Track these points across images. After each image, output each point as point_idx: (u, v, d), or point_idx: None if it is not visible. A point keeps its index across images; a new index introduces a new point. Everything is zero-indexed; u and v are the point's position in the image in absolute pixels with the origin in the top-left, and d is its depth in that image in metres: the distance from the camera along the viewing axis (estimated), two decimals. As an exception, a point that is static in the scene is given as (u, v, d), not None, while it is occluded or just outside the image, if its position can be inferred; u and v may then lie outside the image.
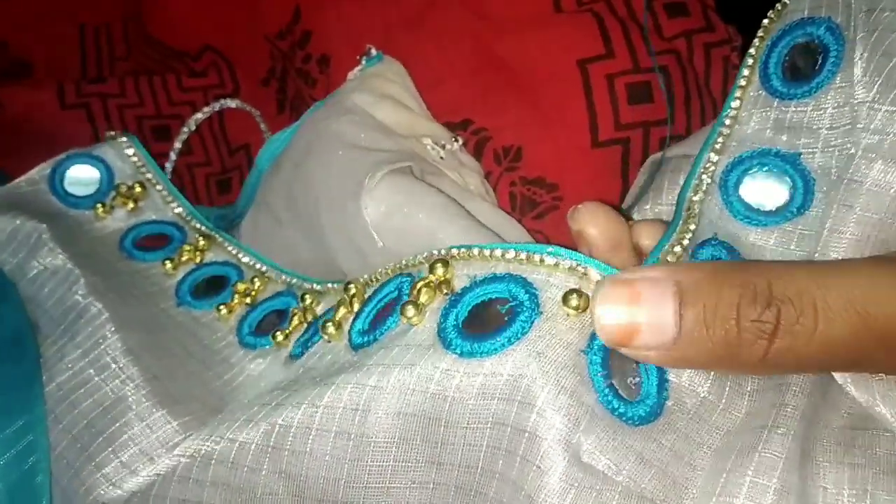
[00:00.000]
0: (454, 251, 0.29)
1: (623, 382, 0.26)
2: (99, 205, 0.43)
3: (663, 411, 0.26)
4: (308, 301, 0.36)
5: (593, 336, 0.26)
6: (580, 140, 0.45)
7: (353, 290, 0.33)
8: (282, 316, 0.37)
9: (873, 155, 0.28)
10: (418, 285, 0.29)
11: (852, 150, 0.28)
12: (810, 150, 0.30)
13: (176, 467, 0.30)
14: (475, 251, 0.29)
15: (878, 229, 0.28)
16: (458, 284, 0.29)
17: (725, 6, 0.47)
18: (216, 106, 0.53)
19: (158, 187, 0.45)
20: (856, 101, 0.29)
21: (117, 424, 0.32)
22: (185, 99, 0.54)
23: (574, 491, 0.24)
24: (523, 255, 0.28)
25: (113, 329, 0.34)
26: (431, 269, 0.29)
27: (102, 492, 0.31)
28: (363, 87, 0.46)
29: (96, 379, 0.33)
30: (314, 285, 0.38)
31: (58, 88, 0.52)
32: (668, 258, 0.28)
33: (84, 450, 0.32)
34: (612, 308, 0.24)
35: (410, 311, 0.28)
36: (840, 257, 0.28)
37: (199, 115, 0.52)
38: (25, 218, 0.40)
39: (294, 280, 0.39)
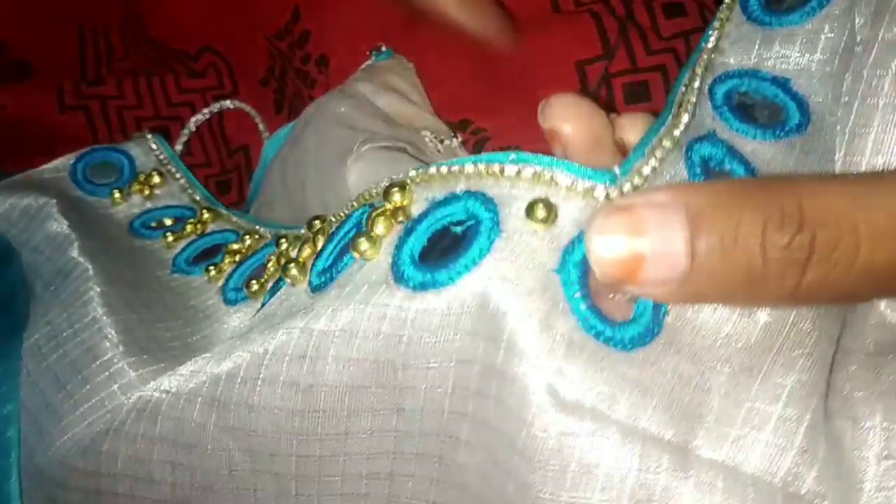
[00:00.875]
0: (412, 173, 0.26)
1: (610, 301, 0.23)
2: (116, 191, 0.43)
3: (661, 329, 0.23)
4: (284, 246, 0.34)
5: (567, 251, 0.23)
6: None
7: (316, 227, 0.30)
8: (262, 270, 0.35)
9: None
10: (373, 215, 0.26)
11: (856, 68, 0.25)
12: (802, 77, 0.27)
13: (125, 421, 0.29)
14: (433, 170, 0.26)
15: None
16: (417, 210, 0.26)
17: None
18: (215, 107, 0.53)
19: (177, 175, 0.45)
20: (856, 24, 0.26)
21: (80, 375, 0.31)
22: (184, 100, 0.54)
23: (561, 438, 0.21)
24: (482, 167, 0.25)
25: (95, 284, 0.33)
26: (386, 196, 0.26)
27: (60, 444, 0.30)
28: (369, 77, 0.46)
29: (69, 331, 0.32)
30: (293, 231, 0.36)
31: (57, 90, 0.53)
32: (657, 153, 0.25)
33: (48, 403, 0.31)
34: (611, 239, 0.21)
35: (363, 244, 0.25)
36: (868, 155, 0.24)
37: (198, 117, 0.52)
38: (37, 195, 0.39)
39: (283, 231, 0.37)
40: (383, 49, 0.49)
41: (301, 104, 0.51)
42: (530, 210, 0.23)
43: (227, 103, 0.53)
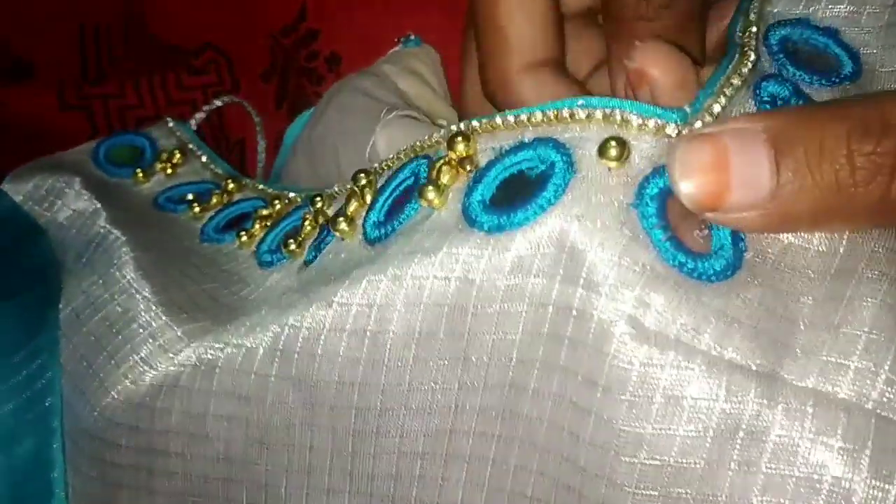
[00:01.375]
0: (475, 123, 0.26)
1: (689, 236, 0.22)
2: (139, 170, 0.43)
3: (742, 264, 0.22)
4: (319, 204, 0.33)
5: (643, 185, 0.23)
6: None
7: (362, 181, 0.29)
8: (298, 230, 0.34)
9: None
10: (437, 165, 0.26)
11: None
12: (851, 27, 0.28)
13: (179, 376, 0.29)
14: (498, 120, 0.25)
15: None
16: (483, 160, 0.25)
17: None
18: (214, 104, 0.53)
19: (199, 153, 0.45)
20: None
21: (120, 336, 0.31)
22: (185, 98, 0.54)
23: (645, 369, 0.21)
24: (551, 114, 0.24)
25: (128, 250, 0.33)
26: (450, 146, 0.26)
27: (107, 406, 0.30)
28: (395, 61, 0.47)
29: (105, 296, 0.32)
30: (326, 190, 0.35)
31: (58, 90, 0.53)
32: (726, 91, 0.24)
33: (90, 367, 0.31)
34: (695, 167, 0.21)
35: (430, 193, 0.25)
36: None
37: (199, 115, 0.53)
38: (60, 174, 0.40)
39: (316, 191, 0.36)
40: (412, 37, 0.50)
41: (304, 101, 0.52)
42: (603, 149, 0.23)
43: (225, 98, 0.53)
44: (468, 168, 0.25)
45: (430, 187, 0.25)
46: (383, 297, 0.25)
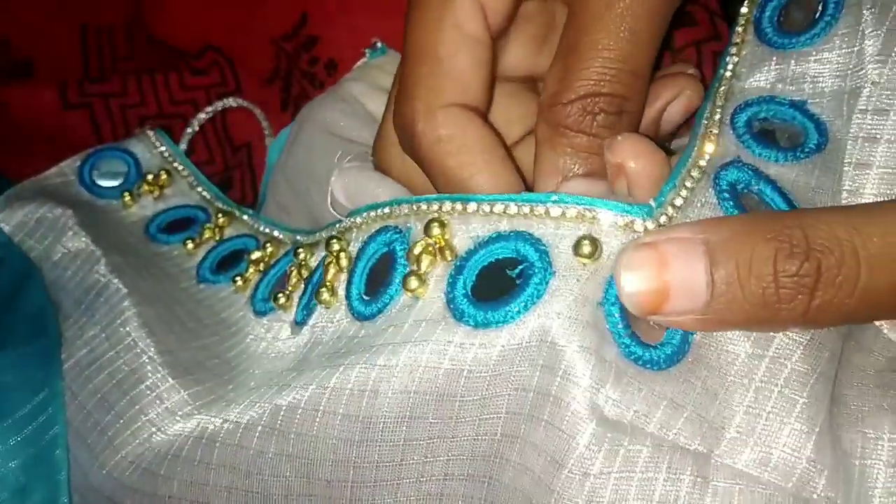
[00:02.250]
0: (448, 206, 0.28)
1: (645, 325, 0.25)
2: (126, 193, 0.44)
3: (690, 347, 0.25)
4: (302, 255, 0.34)
5: (609, 285, 0.25)
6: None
7: (335, 247, 0.31)
8: (285, 282, 0.35)
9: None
10: (416, 251, 0.28)
11: (866, 87, 0.28)
12: (816, 98, 0.29)
13: (182, 447, 0.30)
14: (472, 206, 0.27)
15: None
16: (459, 244, 0.27)
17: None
18: (219, 105, 0.53)
19: (184, 173, 0.46)
20: (864, 44, 0.28)
21: (128, 397, 0.32)
22: (188, 98, 0.54)
23: (602, 452, 0.24)
24: (527, 209, 0.26)
25: (131, 304, 0.34)
26: (427, 231, 0.27)
27: (115, 466, 0.31)
28: (361, 77, 0.47)
29: (111, 353, 0.33)
30: (309, 237, 0.37)
31: (60, 88, 0.52)
32: (686, 183, 0.27)
33: (97, 424, 0.32)
34: (637, 273, 0.23)
35: (413, 283, 0.27)
36: (873, 193, 0.27)
37: (202, 115, 0.52)
38: (52, 205, 0.40)
39: (300, 237, 0.38)
40: (378, 45, 0.49)
41: (306, 103, 0.51)
42: (577, 247, 0.25)
43: (231, 101, 0.53)
44: (448, 258, 0.27)
45: (412, 277, 0.27)
46: (374, 384, 0.26)
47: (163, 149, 0.47)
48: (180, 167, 0.46)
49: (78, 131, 0.52)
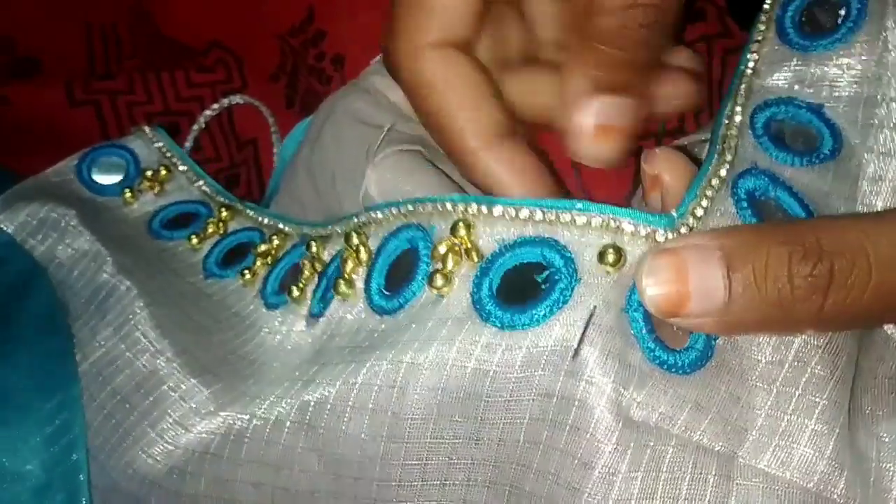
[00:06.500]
0: (474, 208, 0.28)
1: (669, 331, 0.26)
2: (126, 190, 0.44)
3: (714, 352, 0.26)
4: (314, 248, 0.34)
5: (632, 292, 0.26)
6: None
7: (355, 240, 0.31)
8: (297, 274, 0.35)
9: None
10: (441, 250, 0.28)
11: (882, 100, 0.29)
12: (832, 103, 0.30)
13: (209, 444, 0.30)
14: (498, 210, 0.28)
15: None
16: (485, 247, 0.28)
17: (740, 13, 0.47)
18: (225, 102, 0.53)
19: (183, 168, 0.46)
20: (885, 57, 0.29)
21: (151, 398, 0.32)
22: (194, 95, 0.54)
23: (629, 452, 0.24)
24: (552, 216, 0.27)
25: (142, 305, 0.35)
26: (453, 231, 0.28)
27: (140, 465, 0.31)
28: (382, 69, 0.46)
29: (128, 355, 0.33)
30: (319, 230, 0.36)
31: (66, 86, 0.52)
32: (707, 193, 0.27)
33: (119, 425, 0.32)
34: (658, 279, 0.24)
35: (439, 281, 0.28)
36: (885, 205, 0.28)
37: (208, 112, 0.53)
38: (54, 204, 0.40)
39: (306, 229, 0.38)
40: None
41: (314, 100, 0.52)
42: (602, 256, 0.26)
43: (237, 98, 0.53)
44: (475, 259, 0.28)
45: (439, 276, 0.28)
46: (403, 381, 0.27)
47: (160, 144, 0.47)
48: (178, 162, 0.46)
49: (85, 129, 0.52)
